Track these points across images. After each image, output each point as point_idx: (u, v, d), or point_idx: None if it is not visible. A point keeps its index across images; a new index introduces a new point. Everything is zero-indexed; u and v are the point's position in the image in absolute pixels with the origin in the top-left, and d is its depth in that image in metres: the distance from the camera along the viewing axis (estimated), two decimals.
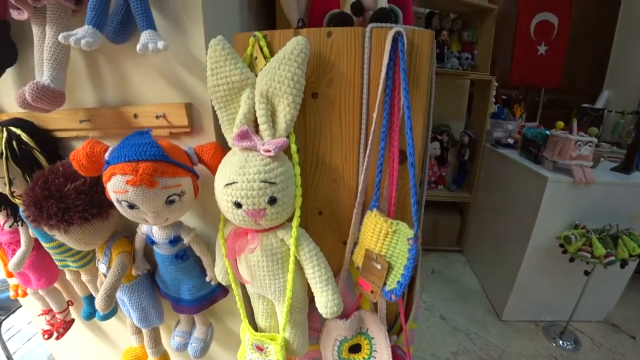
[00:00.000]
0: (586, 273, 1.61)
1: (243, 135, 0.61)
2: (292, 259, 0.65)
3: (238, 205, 0.59)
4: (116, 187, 0.62)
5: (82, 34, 0.59)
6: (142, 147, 0.62)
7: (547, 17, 2.68)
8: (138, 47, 0.60)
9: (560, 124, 1.68)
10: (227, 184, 0.59)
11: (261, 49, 0.63)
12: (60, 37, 0.59)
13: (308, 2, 0.86)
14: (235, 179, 0.58)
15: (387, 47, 0.59)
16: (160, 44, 0.60)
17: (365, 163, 0.66)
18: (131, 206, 0.65)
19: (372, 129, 0.63)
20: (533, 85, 2.85)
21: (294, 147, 0.64)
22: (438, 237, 2.54)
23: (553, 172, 1.62)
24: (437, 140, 2.29)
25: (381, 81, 0.61)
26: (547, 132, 1.72)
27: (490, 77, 2.21)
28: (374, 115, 0.62)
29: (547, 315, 1.91)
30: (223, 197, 0.61)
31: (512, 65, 2.84)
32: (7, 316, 1.36)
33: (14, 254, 0.97)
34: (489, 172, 2.25)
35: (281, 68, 0.58)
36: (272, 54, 0.63)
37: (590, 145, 1.57)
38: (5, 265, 1.02)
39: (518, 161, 1.86)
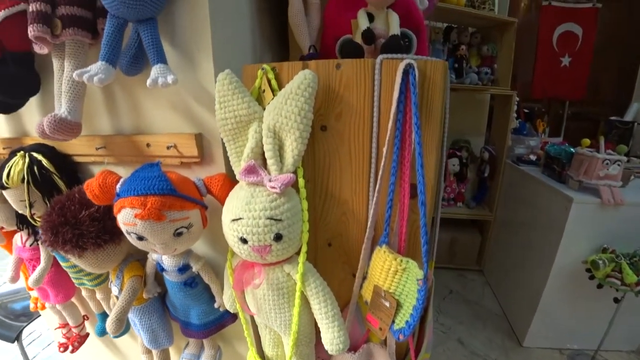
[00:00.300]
0: (616, 300, 1.51)
1: (250, 170, 0.61)
2: (298, 294, 0.64)
3: (244, 240, 0.58)
4: (125, 219, 0.63)
5: (95, 70, 0.61)
6: (150, 180, 0.63)
7: (570, 27, 2.59)
8: (148, 82, 0.60)
9: (587, 141, 1.60)
10: (234, 220, 0.59)
11: (269, 81, 0.63)
12: (74, 75, 0.61)
13: (319, 28, 0.85)
14: (241, 214, 0.57)
15: (398, 80, 0.58)
16: (169, 79, 0.61)
17: (375, 198, 0.64)
18: (140, 238, 0.65)
19: (382, 164, 0.62)
20: (556, 97, 2.76)
21: (301, 182, 0.63)
22: (456, 256, 2.46)
23: (579, 193, 1.54)
24: (456, 157, 2.23)
25: (391, 115, 0.59)
26: (572, 149, 1.65)
27: (511, 92, 2.15)
28: (384, 149, 0.61)
29: (572, 343, 1.81)
30: (230, 232, 0.60)
31: (534, 78, 2.76)
32: (28, 323, 1.40)
33: (34, 269, 1.00)
34: (511, 189, 2.17)
35: (288, 103, 0.57)
36: (280, 86, 0.63)
37: (619, 164, 1.49)
38: (27, 279, 1.06)
39: (541, 180, 1.78)
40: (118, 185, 0.68)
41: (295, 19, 0.81)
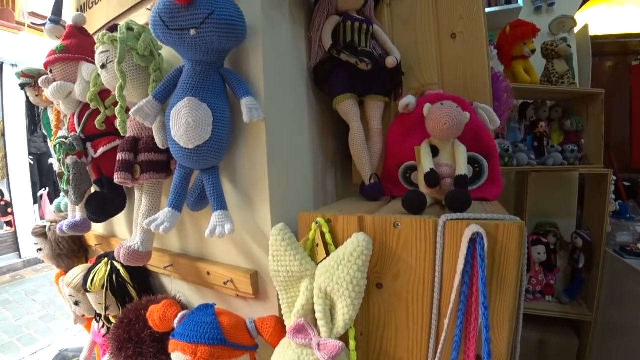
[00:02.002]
0: None
1: (299, 330, 0.58)
2: None
3: None
4: None
5: (162, 219, 0.66)
6: (203, 328, 0.64)
7: None
8: (207, 233, 0.63)
9: None
10: None
11: (323, 235, 0.61)
12: (144, 224, 0.67)
13: (382, 154, 0.84)
14: None
15: (463, 250, 0.51)
16: (226, 229, 0.63)
17: None
18: None
19: (442, 337, 0.54)
20: None
21: (352, 344, 0.58)
22: None
23: None
24: (542, 244, 1.95)
25: (454, 288, 0.52)
26: None
27: (606, 170, 1.87)
28: (446, 322, 0.53)
29: None
30: None
31: (633, 146, 2.42)
32: None
33: (104, 354, 1.06)
34: (615, 285, 1.80)
35: (340, 269, 0.55)
36: (335, 240, 0.61)
37: None
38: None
39: None
40: (176, 321, 0.70)
41: (356, 148, 0.81)
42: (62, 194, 1.21)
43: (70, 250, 1.28)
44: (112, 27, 0.76)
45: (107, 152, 0.90)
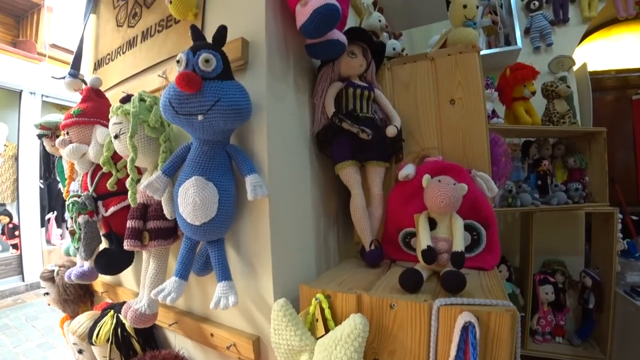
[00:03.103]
0: None
1: None
2: None
3: None
4: None
5: (169, 290, 0.68)
6: None
7: None
8: (211, 305, 0.65)
9: None
10: None
11: (322, 311, 0.62)
12: (152, 294, 0.69)
13: (382, 219, 0.86)
14: None
15: (456, 338, 0.52)
16: (230, 301, 0.65)
17: None
18: None
19: None
20: None
21: None
22: None
23: None
24: (550, 283, 1.91)
25: None
26: None
27: (612, 209, 1.86)
28: None
29: None
30: None
31: (639, 179, 2.40)
32: None
33: None
34: (627, 327, 1.76)
35: (337, 349, 0.56)
36: (334, 314, 0.63)
37: None
38: None
39: None
40: None
41: (357, 215, 0.83)
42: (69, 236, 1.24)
43: (77, 295, 1.31)
44: (126, 98, 0.81)
45: (117, 211, 0.93)
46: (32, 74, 4.15)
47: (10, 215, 4.08)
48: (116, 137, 0.79)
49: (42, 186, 4.36)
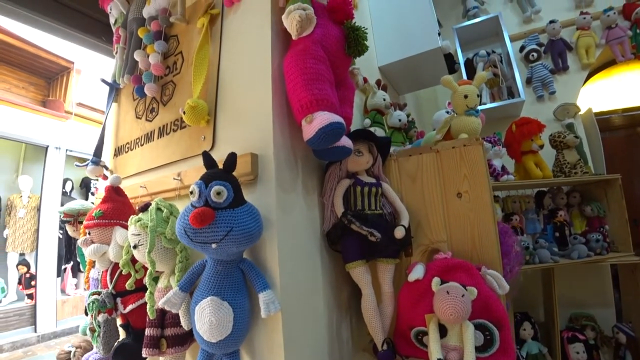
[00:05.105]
0: None
1: None
2: None
3: None
4: None
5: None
6: None
7: None
8: None
9: None
10: None
11: None
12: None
13: (393, 317, 0.86)
14: None
15: None
16: None
17: None
18: None
19: None
20: None
21: None
22: None
23: None
24: (580, 341, 1.81)
25: None
26: None
27: (637, 259, 1.79)
28: None
29: None
30: None
31: None
32: None
33: None
34: None
35: None
36: None
37: None
38: None
39: None
40: None
41: (368, 315, 0.84)
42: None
43: None
44: (144, 207, 0.85)
45: (136, 308, 0.96)
46: (59, 130, 4.41)
47: (28, 265, 4.17)
48: (135, 247, 0.82)
49: (60, 236, 4.48)
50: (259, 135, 0.79)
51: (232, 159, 0.69)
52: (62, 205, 4.41)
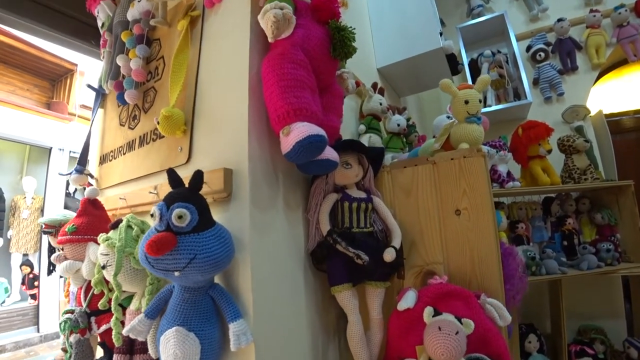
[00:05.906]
0: None
1: None
2: None
3: None
4: None
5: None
6: None
7: None
8: None
9: None
10: None
11: None
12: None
13: (382, 343, 0.79)
14: None
15: None
16: None
17: None
18: None
19: None
20: None
21: None
22: None
23: None
24: (588, 355, 1.72)
25: None
26: None
27: None
28: None
29: None
30: None
31: None
32: None
33: None
34: None
35: None
36: None
37: None
38: None
39: None
40: None
41: (354, 344, 0.76)
42: None
43: None
44: (115, 224, 0.80)
45: (110, 329, 0.90)
46: (62, 132, 4.42)
47: (31, 266, 4.19)
48: (104, 267, 0.77)
49: None
50: (235, 149, 0.73)
51: (197, 177, 0.63)
52: (65, 206, 4.44)
